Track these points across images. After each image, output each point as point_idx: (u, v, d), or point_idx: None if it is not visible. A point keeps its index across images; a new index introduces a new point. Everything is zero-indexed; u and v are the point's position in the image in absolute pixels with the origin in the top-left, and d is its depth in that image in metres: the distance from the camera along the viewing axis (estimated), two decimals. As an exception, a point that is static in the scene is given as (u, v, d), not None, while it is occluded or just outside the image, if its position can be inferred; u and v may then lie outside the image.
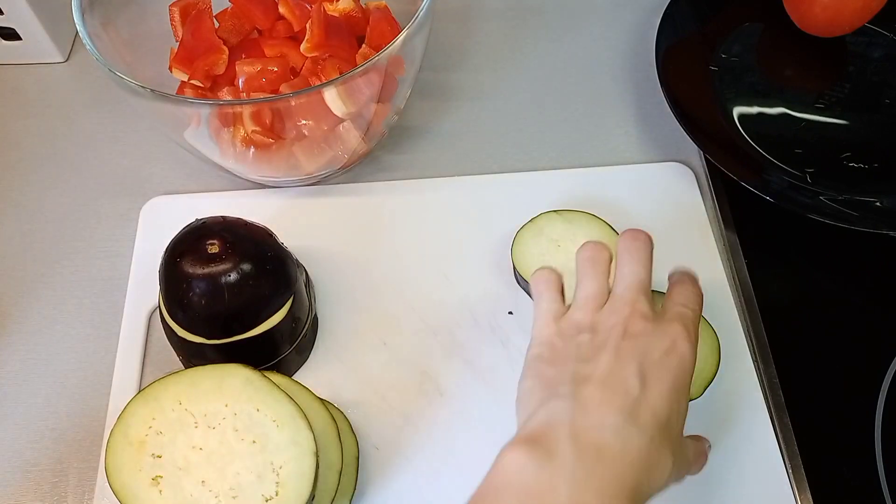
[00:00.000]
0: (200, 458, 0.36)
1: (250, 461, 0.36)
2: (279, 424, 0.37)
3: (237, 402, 0.37)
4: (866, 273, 0.53)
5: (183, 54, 0.51)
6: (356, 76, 0.45)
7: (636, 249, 0.40)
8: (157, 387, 0.38)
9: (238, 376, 0.38)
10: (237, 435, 0.37)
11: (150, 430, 0.37)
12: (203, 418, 0.37)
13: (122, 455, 0.36)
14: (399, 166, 0.58)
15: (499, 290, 0.52)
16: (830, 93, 0.59)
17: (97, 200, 0.57)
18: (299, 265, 0.48)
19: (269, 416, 0.37)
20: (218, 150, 0.51)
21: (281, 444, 0.36)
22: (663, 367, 0.36)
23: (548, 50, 0.66)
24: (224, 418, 0.37)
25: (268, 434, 0.36)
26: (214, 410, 0.37)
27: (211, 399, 0.37)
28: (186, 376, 0.38)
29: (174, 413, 0.37)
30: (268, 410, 0.37)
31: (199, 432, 0.37)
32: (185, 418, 0.37)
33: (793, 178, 0.54)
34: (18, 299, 0.52)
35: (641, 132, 0.60)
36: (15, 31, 0.61)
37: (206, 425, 0.37)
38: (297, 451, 0.36)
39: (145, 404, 0.37)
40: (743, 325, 0.50)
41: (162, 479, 0.36)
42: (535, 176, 0.57)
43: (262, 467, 0.36)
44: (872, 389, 0.47)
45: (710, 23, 0.62)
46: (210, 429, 0.37)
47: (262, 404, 0.37)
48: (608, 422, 0.33)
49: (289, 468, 0.36)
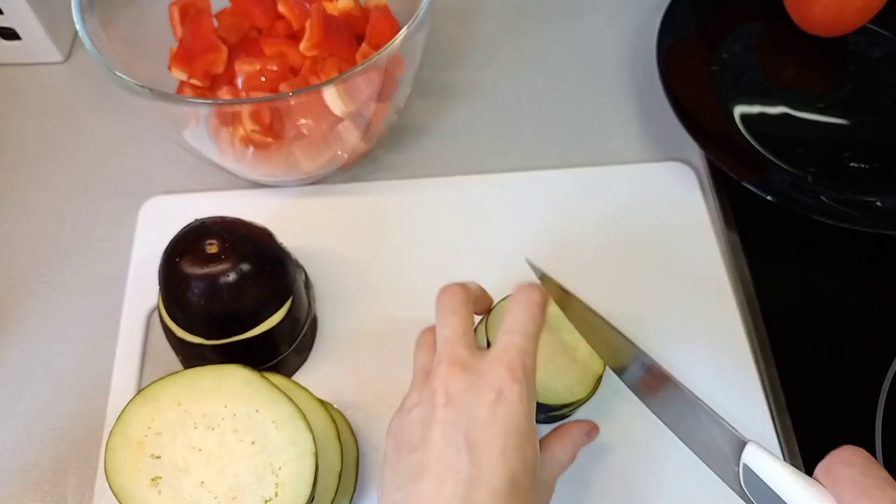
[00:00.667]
0: (200, 459, 0.36)
1: (250, 462, 0.36)
2: (278, 425, 0.37)
3: (236, 403, 0.37)
4: (866, 273, 0.53)
5: (182, 54, 0.51)
6: (356, 75, 0.44)
7: (444, 303, 0.39)
8: (156, 387, 0.37)
9: (237, 377, 0.38)
10: (236, 436, 0.36)
11: (150, 430, 0.37)
12: (202, 419, 0.37)
13: (121, 455, 0.36)
14: (399, 166, 0.58)
15: (499, 289, 0.52)
16: (831, 92, 0.59)
17: (97, 200, 0.57)
18: (298, 265, 0.48)
19: (268, 416, 0.37)
20: (217, 149, 0.51)
21: (280, 444, 0.36)
22: (492, 427, 0.33)
23: (548, 49, 0.65)
24: (223, 419, 0.37)
25: (267, 435, 0.36)
26: (214, 411, 0.37)
27: (210, 400, 0.37)
28: (186, 377, 0.38)
29: (173, 414, 0.37)
30: (267, 411, 0.37)
31: (199, 433, 0.37)
32: (184, 419, 0.37)
33: (794, 177, 0.54)
34: (18, 299, 0.52)
35: (642, 131, 0.60)
36: (15, 31, 0.61)
37: (205, 426, 0.37)
38: (296, 451, 0.36)
39: (144, 404, 0.37)
40: (743, 325, 0.50)
41: (161, 479, 0.36)
42: (536, 175, 0.57)
43: (261, 468, 0.36)
44: (873, 389, 0.47)
45: (711, 22, 0.62)
46: (209, 429, 0.37)
47: (262, 405, 0.37)
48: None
49: (288, 469, 0.36)
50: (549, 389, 0.41)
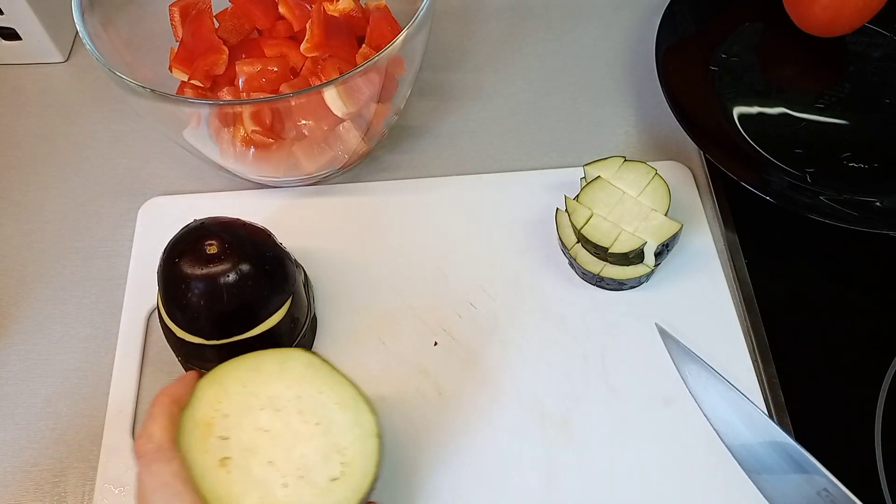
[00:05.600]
0: (266, 440, 0.37)
1: (315, 443, 0.37)
2: (342, 407, 0.37)
3: (300, 385, 0.38)
4: (866, 273, 0.53)
5: (183, 54, 0.51)
6: (356, 76, 0.45)
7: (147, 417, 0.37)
8: (220, 370, 0.38)
9: (299, 360, 0.39)
10: (301, 417, 0.37)
11: (217, 412, 0.37)
12: (268, 401, 0.38)
13: (189, 437, 0.37)
14: (399, 166, 0.58)
15: (499, 288, 0.52)
16: (830, 93, 0.59)
17: (96, 200, 0.57)
18: (298, 265, 0.48)
19: (331, 398, 0.38)
20: (218, 150, 0.51)
21: (344, 426, 0.37)
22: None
23: (548, 50, 0.66)
24: (289, 401, 0.38)
25: (331, 416, 0.37)
26: (278, 393, 0.38)
27: (274, 382, 0.38)
28: (247, 361, 0.39)
29: (240, 396, 0.38)
30: (330, 393, 0.38)
31: (265, 415, 0.37)
32: (250, 401, 0.38)
33: (793, 177, 0.54)
34: (18, 299, 0.52)
35: (641, 132, 0.60)
36: (15, 31, 0.61)
37: (271, 408, 0.37)
38: (360, 433, 0.37)
39: (210, 387, 0.38)
40: (743, 325, 0.50)
41: (230, 460, 0.36)
42: (535, 175, 0.57)
43: (326, 449, 0.36)
44: (872, 389, 0.47)
45: (710, 23, 0.62)
46: (275, 411, 0.37)
47: (324, 387, 0.38)
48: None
49: (353, 450, 0.37)
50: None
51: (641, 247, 0.47)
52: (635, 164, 0.51)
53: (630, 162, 0.51)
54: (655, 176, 0.50)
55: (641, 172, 0.50)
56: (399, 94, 0.53)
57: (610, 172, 0.51)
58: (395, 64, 0.50)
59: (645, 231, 0.48)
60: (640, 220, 0.48)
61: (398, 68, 0.51)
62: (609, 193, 0.50)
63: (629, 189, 0.50)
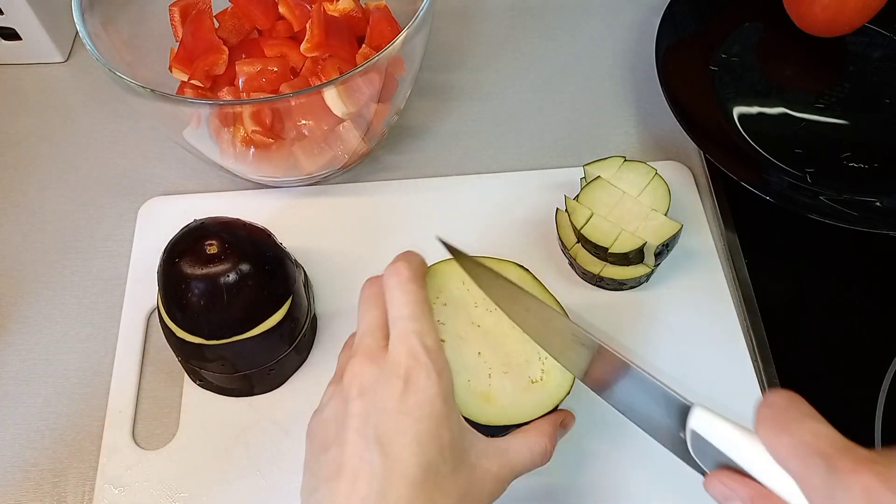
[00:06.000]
0: (478, 335, 0.40)
1: (521, 346, 0.40)
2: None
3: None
4: (866, 273, 0.53)
5: (183, 54, 0.51)
6: (356, 76, 0.45)
7: (366, 296, 0.38)
8: (442, 266, 0.41)
9: (512, 272, 0.42)
10: (510, 321, 0.40)
11: (437, 300, 0.40)
12: (483, 301, 0.40)
13: None
14: (399, 166, 0.58)
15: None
16: (830, 93, 0.59)
17: (96, 200, 0.57)
18: (298, 265, 0.48)
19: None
20: (218, 149, 0.51)
21: None
22: (402, 416, 0.32)
23: (548, 50, 0.66)
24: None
25: None
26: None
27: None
28: (465, 262, 0.40)
29: (458, 291, 0.41)
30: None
31: (479, 312, 0.40)
32: (466, 297, 0.41)
33: (793, 177, 0.54)
34: (18, 299, 0.52)
35: (641, 132, 0.60)
36: (15, 31, 0.61)
37: (484, 308, 0.40)
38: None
39: (433, 277, 0.41)
40: (743, 325, 0.50)
41: (444, 343, 0.38)
42: (535, 175, 0.57)
43: (530, 354, 0.39)
44: (872, 389, 0.47)
45: (710, 23, 0.62)
46: (488, 311, 0.40)
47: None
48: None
49: (553, 361, 0.39)
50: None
51: (641, 247, 0.47)
52: (635, 164, 0.51)
53: (630, 162, 0.51)
54: (655, 176, 0.50)
55: (641, 172, 0.50)
56: (399, 94, 0.53)
57: (610, 172, 0.51)
58: (395, 64, 0.50)
59: (645, 231, 0.48)
60: (640, 220, 0.48)
61: (398, 68, 0.51)
62: (609, 193, 0.50)
63: (629, 189, 0.50)
